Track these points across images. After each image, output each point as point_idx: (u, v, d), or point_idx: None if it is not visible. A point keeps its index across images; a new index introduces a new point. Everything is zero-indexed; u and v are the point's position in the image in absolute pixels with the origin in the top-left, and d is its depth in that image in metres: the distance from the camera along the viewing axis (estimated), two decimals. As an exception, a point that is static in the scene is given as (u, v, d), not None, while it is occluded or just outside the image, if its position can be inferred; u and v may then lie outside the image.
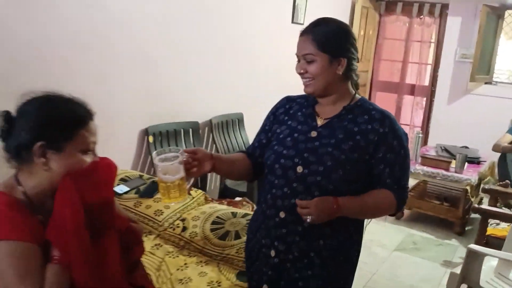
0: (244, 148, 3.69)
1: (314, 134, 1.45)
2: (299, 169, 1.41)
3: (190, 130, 3.20)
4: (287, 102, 1.59)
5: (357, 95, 1.51)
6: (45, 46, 2.28)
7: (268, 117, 1.62)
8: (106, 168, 1.27)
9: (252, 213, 2.25)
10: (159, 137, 2.96)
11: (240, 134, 3.69)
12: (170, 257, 2.00)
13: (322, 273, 1.45)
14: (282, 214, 1.43)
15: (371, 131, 1.41)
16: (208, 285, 1.80)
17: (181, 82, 3.15)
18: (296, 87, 4.85)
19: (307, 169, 1.40)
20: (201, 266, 1.95)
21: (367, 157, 1.41)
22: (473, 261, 2.24)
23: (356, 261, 1.55)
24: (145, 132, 2.89)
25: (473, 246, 2.27)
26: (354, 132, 1.42)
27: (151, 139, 2.90)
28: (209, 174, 3.48)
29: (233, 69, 3.62)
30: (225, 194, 3.28)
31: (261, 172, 1.57)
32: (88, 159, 1.20)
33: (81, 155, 1.18)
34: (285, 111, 1.56)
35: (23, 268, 1.09)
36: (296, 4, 4.25)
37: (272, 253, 1.46)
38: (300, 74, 1.46)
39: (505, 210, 3.05)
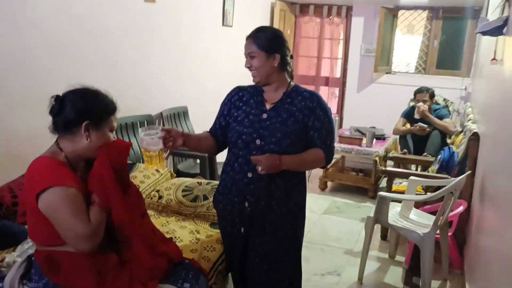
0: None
1: (264, 115, 1.91)
2: (258, 141, 1.89)
3: (145, 122, 3.64)
4: (240, 91, 2.04)
5: (291, 83, 2.00)
6: (25, 56, 2.64)
7: (224, 103, 2.06)
8: (123, 143, 1.76)
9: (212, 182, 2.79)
10: (120, 128, 3.37)
11: (186, 124, 4.18)
12: (153, 218, 2.48)
13: (281, 216, 1.96)
14: (249, 174, 1.91)
15: (305, 107, 1.92)
16: (190, 233, 2.31)
17: (136, 81, 3.59)
18: (230, 82, 5.55)
19: (263, 141, 1.88)
20: (180, 222, 2.46)
21: (303, 126, 1.91)
22: (382, 205, 2.95)
23: (303, 204, 2.09)
24: (109, 125, 3.29)
25: (382, 193, 3.00)
26: (293, 111, 1.91)
27: (113, 130, 3.30)
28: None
29: (177, 69, 4.11)
30: (179, 177, 3.76)
31: (221, 148, 2.07)
32: (111, 136, 1.69)
33: (109, 132, 1.67)
34: (239, 98, 2.01)
35: (75, 207, 1.51)
36: (225, 9, 4.81)
37: (246, 204, 1.94)
38: (248, 68, 1.93)
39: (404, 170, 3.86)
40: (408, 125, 4.81)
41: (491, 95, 3.05)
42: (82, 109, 1.62)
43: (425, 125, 4.55)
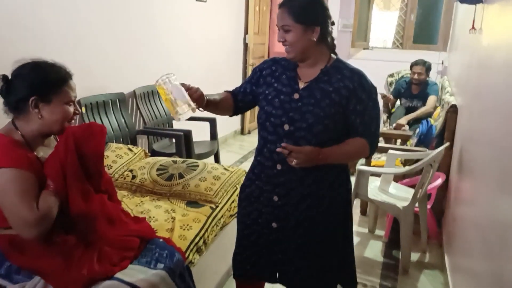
0: (166, 115, 4.07)
1: (296, 96, 1.63)
2: (286, 127, 1.62)
3: (117, 100, 3.51)
4: (273, 64, 1.76)
5: (333, 56, 1.68)
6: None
7: (255, 72, 1.80)
8: (99, 129, 1.65)
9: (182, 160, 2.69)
10: (90, 107, 3.24)
11: (161, 103, 4.06)
12: (126, 198, 2.39)
13: (321, 212, 1.69)
14: (278, 166, 1.67)
15: (343, 88, 1.60)
16: (165, 212, 2.23)
17: (105, 57, 3.44)
18: (204, 60, 5.38)
19: (293, 126, 1.61)
20: (155, 201, 2.37)
21: (341, 110, 1.60)
22: (361, 179, 2.92)
23: (349, 196, 1.79)
24: (79, 103, 3.16)
25: (361, 167, 2.97)
26: (329, 92, 1.60)
27: (83, 109, 3.17)
28: (139, 140, 3.83)
29: (148, 46, 3.96)
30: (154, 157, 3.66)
31: (237, 111, 1.85)
32: (71, 109, 1.58)
33: (65, 106, 1.56)
34: (271, 73, 1.73)
35: (22, 189, 1.41)
36: (198, -17, 4.65)
37: (275, 198, 1.70)
38: (281, 42, 1.62)
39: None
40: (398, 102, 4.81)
41: (469, 65, 3.03)
42: (27, 84, 1.51)
43: (402, 124, 4.36)
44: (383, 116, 4.90)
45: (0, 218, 1.45)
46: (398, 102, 4.91)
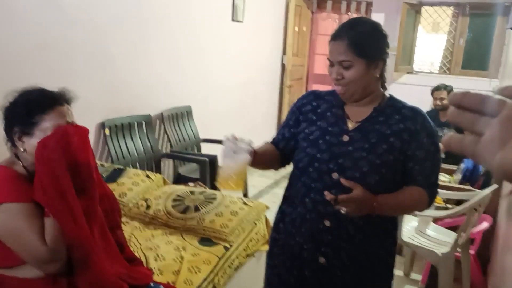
0: (194, 137, 3.97)
1: (346, 138, 1.39)
2: (335, 175, 1.36)
3: (143, 122, 3.42)
4: (314, 99, 1.51)
5: (386, 94, 1.45)
6: (8, 47, 2.43)
7: (292, 112, 1.54)
8: (78, 133, 1.45)
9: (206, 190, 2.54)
10: (115, 129, 3.16)
11: (190, 125, 3.95)
12: (138, 231, 2.25)
13: (367, 268, 1.45)
14: (327, 223, 1.39)
15: (404, 131, 1.37)
16: (175, 250, 2.07)
17: (135, 78, 3.36)
18: (239, 81, 5.24)
19: (343, 175, 1.35)
20: (166, 236, 2.22)
21: (402, 158, 1.37)
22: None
23: (395, 250, 1.57)
24: (102, 125, 3.08)
25: (395, 207, 2.70)
26: (387, 135, 1.37)
27: (107, 131, 3.09)
28: (165, 163, 3.72)
29: (181, 66, 3.87)
30: (179, 181, 3.54)
31: (285, 161, 1.56)
32: None
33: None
34: (313, 109, 1.49)
35: (30, 225, 1.32)
36: (234, 4, 4.55)
37: (321, 260, 1.43)
38: (335, 80, 1.38)
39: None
40: None
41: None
42: (7, 116, 1.41)
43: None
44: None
45: None
46: None
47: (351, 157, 1.36)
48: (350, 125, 1.41)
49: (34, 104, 1.40)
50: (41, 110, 1.39)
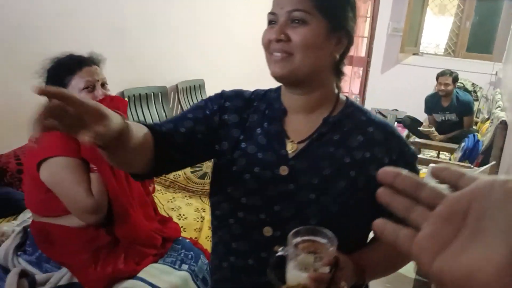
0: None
1: (284, 170, 0.92)
2: (267, 231, 0.91)
3: (159, 94, 3.56)
4: (245, 105, 1.00)
5: (341, 97, 0.98)
6: (36, 17, 2.56)
7: (206, 105, 0.99)
8: (123, 102, 1.64)
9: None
10: (133, 99, 3.31)
11: (202, 98, 4.07)
12: (159, 193, 2.42)
13: None
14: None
15: (371, 162, 0.90)
16: (195, 211, 2.24)
17: (152, 50, 3.49)
18: (251, 56, 5.39)
19: (280, 231, 0.89)
20: (187, 199, 2.39)
21: (371, 199, 0.64)
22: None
23: None
24: (121, 95, 3.23)
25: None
26: (345, 165, 0.91)
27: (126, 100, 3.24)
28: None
29: (196, 40, 3.99)
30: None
31: (161, 167, 0.93)
32: (92, 94, 1.55)
33: (82, 92, 1.52)
34: (239, 123, 0.98)
35: (77, 177, 1.45)
36: (248, -20, 4.64)
37: None
38: (276, 41, 0.88)
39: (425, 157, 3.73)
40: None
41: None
42: (45, 77, 1.55)
43: (431, 130, 4.39)
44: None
45: (39, 205, 1.50)
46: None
47: (293, 202, 0.90)
48: (290, 148, 0.93)
49: (63, 67, 1.54)
50: (70, 72, 1.53)
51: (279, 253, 0.78)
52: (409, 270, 2.97)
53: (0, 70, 2.43)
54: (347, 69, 3.12)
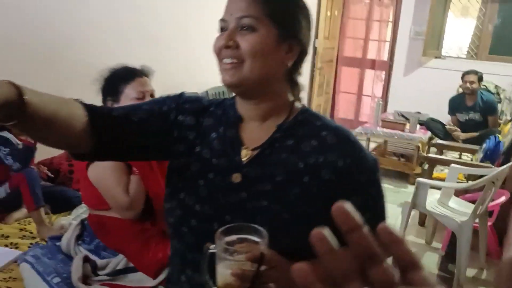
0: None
1: (237, 178, 0.90)
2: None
3: (191, 99, 3.77)
4: (201, 109, 0.98)
5: (297, 105, 0.97)
6: (74, 28, 2.81)
7: (164, 102, 0.98)
8: None
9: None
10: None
11: (230, 103, 4.29)
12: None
13: None
14: None
15: (325, 166, 0.89)
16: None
17: (183, 57, 3.72)
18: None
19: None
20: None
21: (324, 209, 0.62)
22: (420, 190, 2.96)
23: None
24: (156, 101, 3.45)
25: (420, 179, 3.00)
26: (299, 171, 0.89)
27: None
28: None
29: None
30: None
31: (102, 153, 0.94)
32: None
33: (133, 101, 1.67)
34: (195, 126, 0.97)
35: (117, 177, 1.66)
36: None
37: None
38: (225, 48, 0.88)
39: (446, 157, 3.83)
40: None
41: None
42: (101, 88, 1.74)
43: (456, 129, 4.58)
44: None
45: (93, 200, 1.70)
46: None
47: (244, 210, 0.87)
48: (244, 155, 0.91)
49: (118, 77, 1.74)
50: (124, 81, 1.72)
51: (210, 251, 0.76)
52: (432, 266, 3.09)
53: (47, 78, 2.67)
54: (369, 73, 3.26)
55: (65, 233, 1.82)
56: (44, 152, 2.50)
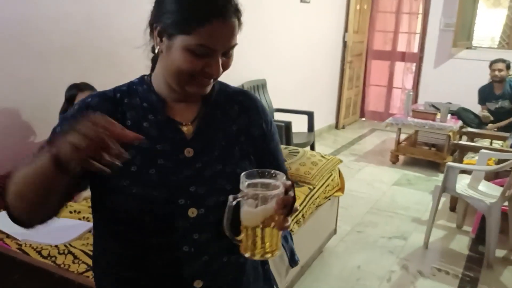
0: (268, 107, 4.53)
1: (190, 152, 0.95)
2: (192, 212, 0.93)
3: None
4: (112, 106, 0.95)
5: None
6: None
7: (65, 118, 0.96)
8: None
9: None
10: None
11: (264, 96, 4.50)
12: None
13: None
14: (198, 284, 0.95)
15: (252, 125, 1.04)
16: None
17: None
18: (305, 58, 5.79)
19: (204, 207, 0.94)
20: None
21: (257, 161, 1.02)
22: (450, 174, 3.09)
23: None
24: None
25: (450, 163, 3.14)
26: (234, 133, 1.01)
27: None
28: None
29: (257, 44, 4.42)
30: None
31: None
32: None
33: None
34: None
35: None
36: (303, -14, 5.01)
37: None
38: (216, 75, 0.91)
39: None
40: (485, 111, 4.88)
41: None
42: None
43: (488, 115, 4.72)
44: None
45: None
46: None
47: (203, 178, 0.95)
48: (186, 130, 0.97)
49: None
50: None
51: (235, 201, 0.82)
52: (463, 248, 3.23)
53: (108, 74, 2.93)
54: (399, 65, 3.41)
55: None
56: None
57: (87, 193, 2.39)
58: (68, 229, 2.02)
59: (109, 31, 2.90)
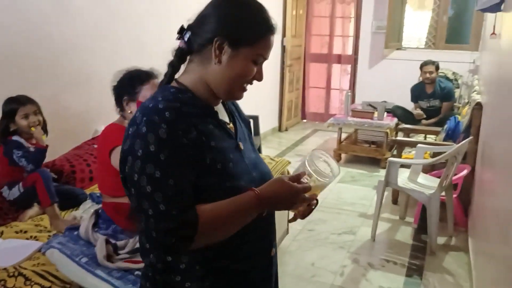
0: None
1: (241, 146, 1.13)
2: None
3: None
4: (187, 117, 1.01)
5: None
6: (71, 36, 2.98)
7: (180, 146, 0.98)
8: None
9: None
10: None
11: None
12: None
13: None
14: (272, 252, 1.20)
15: (245, 119, 1.28)
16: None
17: (163, 61, 3.91)
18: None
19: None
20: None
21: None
22: (391, 169, 3.26)
23: None
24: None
25: (391, 158, 3.31)
26: (247, 123, 1.27)
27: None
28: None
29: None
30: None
31: None
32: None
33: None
34: (200, 132, 1.02)
35: None
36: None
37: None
38: (251, 81, 1.11)
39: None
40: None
41: (492, 67, 3.31)
42: (117, 89, 1.97)
43: (422, 113, 5.06)
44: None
45: (111, 187, 1.90)
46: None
47: (255, 165, 1.15)
48: (232, 130, 1.14)
49: (135, 78, 1.91)
50: (141, 82, 1.90)
51: (308, 159, 1.12)
52: (407, 238, 3.41)
53: (51, 85, 2.82)
54: (336, 67, 3.56)
55: (81, 222, 2.01)
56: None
57: (31, 212, 2.29)
58: (16, 250, 1.93)
59: (49, 41, 2.80)
